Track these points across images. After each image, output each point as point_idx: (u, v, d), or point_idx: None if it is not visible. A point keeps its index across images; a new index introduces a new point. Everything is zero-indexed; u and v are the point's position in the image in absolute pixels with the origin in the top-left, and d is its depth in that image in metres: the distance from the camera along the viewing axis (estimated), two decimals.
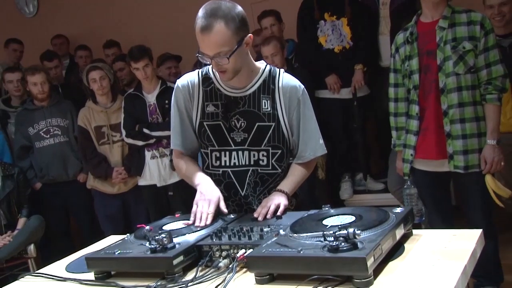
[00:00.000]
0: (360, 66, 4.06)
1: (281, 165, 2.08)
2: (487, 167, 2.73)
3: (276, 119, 2.03)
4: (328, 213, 1.74)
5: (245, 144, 2.04)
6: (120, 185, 4.11)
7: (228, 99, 2.03)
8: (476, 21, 2.69)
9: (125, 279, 1.64)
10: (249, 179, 2.07)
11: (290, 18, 4.31)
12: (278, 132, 2.04)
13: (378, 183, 4.27)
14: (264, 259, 1.45)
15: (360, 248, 1.38)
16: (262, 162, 2.06)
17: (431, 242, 1.64)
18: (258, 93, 2.03)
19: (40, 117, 4.27)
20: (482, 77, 2.73)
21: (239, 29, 1.84)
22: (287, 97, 2.03)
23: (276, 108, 2.03)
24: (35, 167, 4.28)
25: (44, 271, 1.89)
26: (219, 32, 1.80)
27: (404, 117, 2.95)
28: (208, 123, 2.06)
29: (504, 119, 3.26)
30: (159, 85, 3.95)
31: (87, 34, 5.70)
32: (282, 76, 2.06)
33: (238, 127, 2.03)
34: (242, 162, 2.06)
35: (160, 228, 1.86)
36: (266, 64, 2.10)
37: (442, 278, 1.35)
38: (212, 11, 1.81)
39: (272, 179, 2.08)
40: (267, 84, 2.03)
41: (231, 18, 1.82)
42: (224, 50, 1.83)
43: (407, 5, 3.91)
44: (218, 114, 2.04)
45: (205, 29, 1.81)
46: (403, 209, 1.67)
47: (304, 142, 2.07)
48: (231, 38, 1.83)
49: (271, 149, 2.04)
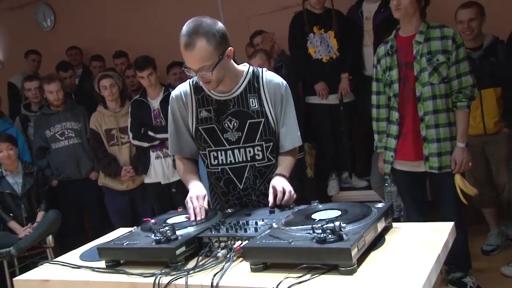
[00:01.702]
0: (346, 75, 4.07)
1: (274, 156, 2.08)
2: (457, 167, 2.74)
3: (264, 114, 2.02)
4: (317, 208, 1.74)
5: (240, 142, 2.04)
6: (128, 183, 4.10)
7: (219, 103, 2.03)
8: (448, 36, 2.71)
9: (133, 267, 1.64)
10: (247, 174, 2.06)
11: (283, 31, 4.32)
12: (268, 126, 2.03)
13: (362, 181, 4.27)
14: (258, 250, 1.45)
15: (345, 239, 1.38)
16: (258, 156, 2.05)
17: (409, 233, 1.64)
18: (245, 93, 2.02)
19: (56, 121, 4.27)
20: (453, 87, 2.75)
21: (219, 44, 1.83)
22: (272, 93, 2.03)
23: (263, 104, 2.02)
24: (51, 166, 4.29)
25: (61, 259, 1.89)
26: (201, 48, 1.79)
27: (385, 122, 2.97)
28: (203, 127, 2.06)
29: (474, 123, 3.29)
30: (163, 92, 3.95)
31: (98, 45, 5.69)
32: (265, 74, 2.05)
33: (232, 128, 2.03)
34: (238, 159, 2.05)
35: (164, 221, 1.86)
36: (249, 66, 2.08)
37: (418, 265, 1.36)
38: (194, 29, 1.80)
39: (269, 170, 2.08)
40: (252, 83, 2.03)
41: (211, 34, 1.80)
42: (207, 64, 1.83)
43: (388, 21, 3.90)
44: (211, 118, 2.04)
45: (188, 46, 1.80)
46: (384, 205, 1.68)
47: (284, 134, 2.07)
48: (212, 53, 1.82)
49: (264, 143, 2.04)
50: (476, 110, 3.32)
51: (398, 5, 2.71)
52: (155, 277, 1.52)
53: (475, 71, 2.81)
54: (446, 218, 2.73)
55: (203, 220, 1.82)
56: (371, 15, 4.06)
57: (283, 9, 4.75)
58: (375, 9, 4.02)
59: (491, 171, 3.51)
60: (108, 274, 1.65)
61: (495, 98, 3.36)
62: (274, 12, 4.85)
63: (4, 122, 4.50)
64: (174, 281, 1.49)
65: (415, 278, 1.28)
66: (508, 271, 3.18)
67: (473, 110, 3.12)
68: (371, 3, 4.07)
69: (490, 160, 3.49)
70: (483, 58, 3.35)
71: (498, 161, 3.45)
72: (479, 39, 3.39)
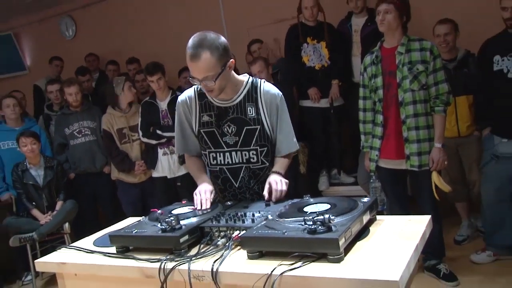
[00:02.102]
0: (336, 81, 4.05)
1: (268, 159, 2.06)
2: (434, 165, 2.73)
3: (260, 122, 2.01)
4: (308, 202, 1.73)
5: (237, 146, 2.02)
6: (141, 176, 4.08)
7: (220, 110, 2.02)
8: (426, 48, 2.70)
9: (141, 253, 1.62)
10: (243, 174, 2.05)
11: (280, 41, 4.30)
12: (264, 133, 2.02)
13: (349, 177, 4.25)
14: (255, 239, 1.43)
15: (333, 230, 1.36)
16: (253, 159, 2.04)
17: (391, 225, 1.63)
18: (243, 102, 2.00)
19: (74, 120, 4.24)
20: (431, 93, 2.74)
21: (222, 56, 1.81)
22: (268, 103, 2.01)
23: (260, 113, 2.01)
24: (69, 160, 4.26)
25: (76, 245, 1.88)
26: (205, 60, 1.78)
27: (371, 124, 2.95)
28: (204, 130, 2.04)
29: (449, 126, 3.28)
30: (170, 94, 3.93)
31: (113, 53, 5.69)
32: (263, 85, 2.03)
33: (230, 132, 2.01)
34: (235, 161, 2.04)
35: (169, 212, 1.84)
36: (249, 77, 2.07)
37: (399, 254, 1.35)
38: (199, 42, 1.78)
39: (262, 172, 2.07)
40: (251, 93, 2.01)
41: (215, 47, 1.79)
42: (211, 75, 1.81)
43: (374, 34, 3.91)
44: (212, 122, 2.03)
45: (194, 58, 1.78)
46: (369, 199, 1.66)
47: (281, 141, 2.05)
48: (215, 65, 1.80)
49: (259, 147, 2.03)
50: (451, 115, 3.32)
51: (383, 20, 2.72)
52: (160, 263, 1.50)
53: (450, 80, 2.80)
54: (424, 211, 2.75)
55: (208, 210, 1.81)
56: (359, 28, 4.06)
57: (280, 22, 4.74)
58: (363, 23, 4.02)
59: (464, 170, 3.50)
60: (118, 259, 1.64)
61: (468, 104, 3.36)
62: (272, 24, 4.84)
63: (29, 121, 4.48)
64: (178, 267, 1.47)
65: (396, 265, 1.27)
66: (476, 259, 3.18)
67: (449, 115, 3.11)
68: (359, 18, 4.07)
69: (463, 160, 3.48)
70: (457, 69, 3.35)
71: (470, 160, 3.44)
72: (454, 51, 3.39)
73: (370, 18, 3.95)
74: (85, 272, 1.70)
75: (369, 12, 4.00)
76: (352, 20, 4.11)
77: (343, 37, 4.12)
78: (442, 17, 3.43)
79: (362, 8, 4.02)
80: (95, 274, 1.68)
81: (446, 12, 3.55)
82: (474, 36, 3.34)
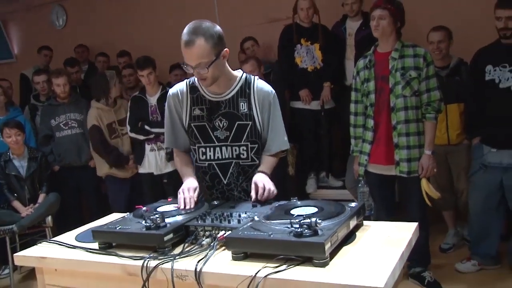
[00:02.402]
0: (328, 84, 4.05)
1: (258, 157, 2.06)
2: (423, 172, 2.75)
3: (252, 118, 2.01)
4: (295, 204, 1.73)
5: (227, 140, 2.02)
6: (133, 169, 4.07)
7: (212, 103, 2.01)
8: (420, 55, 2.72)
9: (124, 250, 1.61)
10: (232, 170, 2.05)
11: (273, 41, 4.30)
12: (255, 129, 2.02)
13: (337, 181, 4.26)
14: (240, 240, 1.43)
15: (320, 234, 1.37)
16: (243, 155, 2.03)
17: (377, 232, 1.64)
18: (236, 97, 2.00)
19: (61, 111, 4.20)
20: (423, 100, 2.76)
21: (216, 44, 1.83)
22: (261, 100, 2.01)
23: (252, 109, 2.01)
24: (54, 153, 4.21)
25: (58, 239, 1.86)
26: (200, 46, 1.79)
27: (361, 128, 2.96)
28: (195, 124, 2.04)
29: (439, 133, 3.30)
30: (160, 90, 3.91)
31: (104, 45, 5.64)
32: (256, 82, 2.04)
33: (221, 127, 2.01)
34: (225, 156, 2.04)
35: (155, 209, 1.83)
36: (243, 73, 2.07)
37: (385, 261, 1.35)
38: (194, 29, 1.80)
39: (251, 169, 2.06)
40: (244, 89, 2.01)
41: (210, 35, 1.80)
42: (204, 62, 1.82)
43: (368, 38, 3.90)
44: (203, 116, 2.02)
45: (188, 44, 1.79)
46: (357, 204, 1.67)
47: (271, 138, 2.06)
48: (210, 52, 1.81)
49: (249, 144, 2.02)
50: (442, 123, 3.35)
51: (377, 26, 2.72)
52: (143, 260, 1.49)
53: (442, 87, 2.82)
54: (411, 217, 2.77)
55: (192, 210, 1.80)
56: (353, 31, 4.07)
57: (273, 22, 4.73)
58: (357, 27, 4.03)
59: (452, 178, 3.53)
60: (101, 255, 1.63)
61: (459, 112, 3.39)
62: (266, 24, 4.84)
63: (14, 110, 4.43)
64: (161, 265, 1.47)
65: (381, 272, 1.28)
66: (461, 267, 3.21)
67: (439, 122, 3.14)
68: (354, 21, 4.08)
69: (452, 168, 3.51)
70: (449, 76, 3.37)
71: (459, 169, 3.47)
72: (447, 59, 3.41)
73: (365, 22, 3.96)
74: (66, 267, 1.68)
75: (364, 16, 4.01)
76: (346, 23, 4.12)
77: (337, 40, 4.13)
78: (436, 24, 3.46)
79: (357, 11, 4.03)
80: (76, 270, 1.66)
81: (440, 19, 3.57)
82: (467, 44, 3.37)
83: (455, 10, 3.98)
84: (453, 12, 3.95)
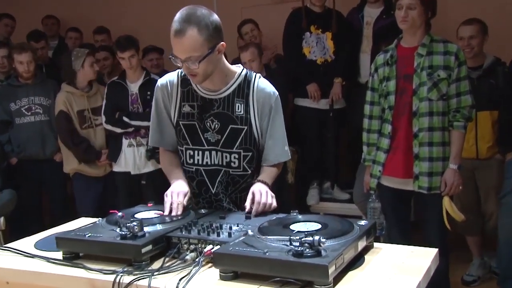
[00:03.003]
0: (339, 80, 4.08)
1: (251, 167, 2.08)
2: (447, 189, 2.77)
3: (248, 122, 2.03)
4: (296, 219, 1.74)
5: (218, 145, 2.04)
6: (106, 167, 4.07)
7: (204, 101, 2.03)
8: (451, 52, 2.73)
9: (92, 262, 1.61)
10: (220, 178, 2.07)
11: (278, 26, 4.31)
12: (250, 136, 2.04)
13: (344, 193, 4.29)
14: (230, 257, 1.44)
15: (323, 255, 1.38)
16: (233, 164, 2.06)
17: (390, 256, 1.65)
18: (232, 96, 2.02)
19: (23, 94, 4.18)
20: (452, 105, 2.78)
21: (211, 37, 1.83)
22: (261, 102, 2.03)
23: (249, 112, 2.03)
24: (13, 142, 4.18)
25: (13, 246, 1.85)
26: (191, 37, 1.80)
27: (376, 134, 2.97)
28: (183, 122, 2.06)
29: (466, 145, 3.31)
30: (143, 76, 3.92)
31: (78, 18, 5.62)
32: (258, 81, 2.05)
33: (213, 129, 2.03)
34: (214, 162, 2.06)
35: (132, 215, 1.83)
36: (243, 68, 2.09)
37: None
38: (187, 17, 1.81)
39: (242, 180, 2.08)
40: (242, 88, 2.03)
41: (204, 25, 1.81)
42: (195, 55, 1.83)
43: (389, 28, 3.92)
44: (193, 114, 2.04)
45: (178, 33, 1.80)
46: (367, 222, 1.68)
47: (269, 147, 2.08)
48: (202, 44, 1.82)
49: (242, 151, 2.04)
50: (470, 133, 3.35)
51: (406, 17, 2.71)
52: (116, 275, 1.50)
53: (473, 91, 2.83)
54: (429, 241, 2.78)
55: (179, 218, 1.81)
56: (372, 20, 4.10)
57: (280, 3, 4.76)
58: (377, 15, 4.06)
59: (479, 198, 3.55)
60: (65, 267, 1.63)
61: (491, 121, 3.41)
62: (270, 5, 4.86)
63: None
64: (136, 281, 1.47)
65: None
66: None
67: (468, 132, 3.13)
68: (374, 8, 4.10)
69: (480, 186, 3.53)
70: (482, 78, 3.39)
71: (487, 188, 3.49)
72: (479, 58, 3.43)
73: (386, 10, 3.99)
74: (21, 280, 1.67)
75: (385, 3, 4.04)
76: (364, 10, 4.15)
77: (352, 29, 4.16)
78: (468, 16, 3.47)
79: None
80: (32, 284, 1.65)
81: (474, 11, 3.58)
82: (505, 41, 3.37)
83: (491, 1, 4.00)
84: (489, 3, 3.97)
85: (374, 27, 4.06)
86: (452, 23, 3.58)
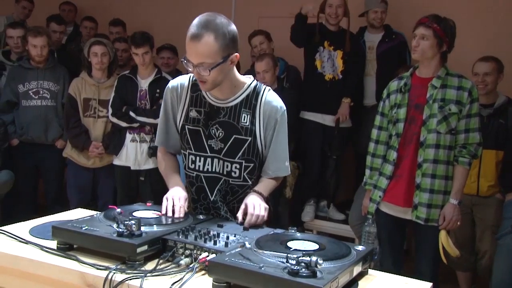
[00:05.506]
0: (348, 100, 4.08)
1: (251, 178, 2.09)
2: (445, 223, 2.76)
3: (253, 134, 2.03)
4: (294, 236, 1.74)
5: (220, 153, 2.04)
6: (95, 160, 4.06)
7: (211, 108, 2.04)
8: (465, 88, 2.74)
9: (86, 255, 1.61)
10: (219, 187, 2.07)
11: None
12: (254, 147, 2.04)
13: (339, 214, 4.27)
14: (225, 267, 1.43)
15: (318, 277, 1.37)
16: (234, 174, 2.06)
17: (383, 285, 1.64)
18: (239, 106, 2.03)
19: (33, 77, 4.18)
20: (459, 140, 2.78)
21: (227, 46, 1.84)
22: (267, 115, 2.04)
23: (255, 123, 2.03)
24: (16, 123, 4.18)
25: (7, 229, 1.84)
26: (207, 43, 1.81)
27: (380, 159, 2.97)
28: (189, 127, 2.07)
29: (468, 181, 3.29)
30: (154, 73, 3.93)
31: (95, 8, 5.63)
32: (266, 94, 2.06)
33: (217, 136, 2.04)
34: (215, 169, 2.06)
35: (130, 213, 1.84)
36: (253, 79, 2.09)
37: None
38: (206, 23, 1.82)
39: (242, 190, 2.09)
40: (250, 99, 2.04)
41: (221, 33, 1.82)
42: (208, 62, 1.84)
43: (391, 51, 4.12)
44: (199, 120, 2.05)
45: (195, 38, 1.81)
46: (365, 248, 1.68)
47: (270, 161, 2.09)
48: (216, 52, 1.83)
49: (244, 162, 2.05)
50: (473, 169, 3.35)
51: (417, 46, 2.75)
52: (108, 272, 1.50)
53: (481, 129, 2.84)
54: (420, 272, 2.79)
55: (180, 220, 1.82)
56: (374, 44, 4.20)
57: None
58: (379, 39, 4.17)
59: (474, 234, 3.55)
60: (58, 257, 1.63)
61: (495, 161, 3.41)
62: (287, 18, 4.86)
63: None
64: (128, 281, 1.47)
65: None
66: None
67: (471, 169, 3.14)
68: (374, 33, 4.22)
69: (477, 222, 3.53)
70: (492, 117, 3.41)
71: (484, 225, 3.49)
72: (492, 96, 3.45)
73: (387, 34, 4.14)
74: (10, 265, 1.67)
75: (385, 28, 4.19)
76: (365, 36, 4.24)
77: (361, 52, 4.21)
78: (485, 54, 3.49)
79: (383, 21, 4.16)
80: (22, 271, 1.65)
81: (490, 49, 3.59)
82: None
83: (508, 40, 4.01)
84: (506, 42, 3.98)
85: (377, 50, 4.16)
86: (468, 60, 3.58)
